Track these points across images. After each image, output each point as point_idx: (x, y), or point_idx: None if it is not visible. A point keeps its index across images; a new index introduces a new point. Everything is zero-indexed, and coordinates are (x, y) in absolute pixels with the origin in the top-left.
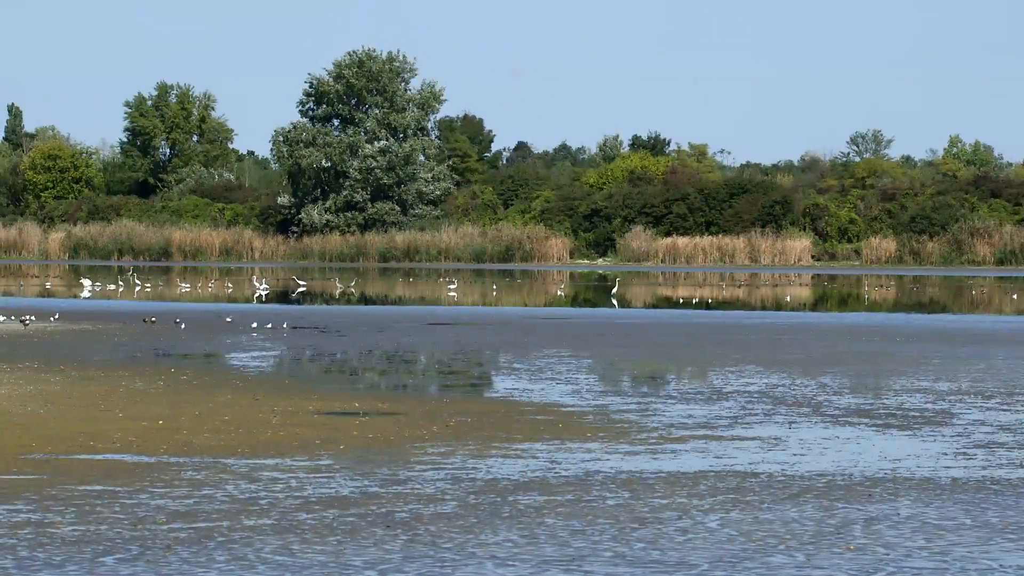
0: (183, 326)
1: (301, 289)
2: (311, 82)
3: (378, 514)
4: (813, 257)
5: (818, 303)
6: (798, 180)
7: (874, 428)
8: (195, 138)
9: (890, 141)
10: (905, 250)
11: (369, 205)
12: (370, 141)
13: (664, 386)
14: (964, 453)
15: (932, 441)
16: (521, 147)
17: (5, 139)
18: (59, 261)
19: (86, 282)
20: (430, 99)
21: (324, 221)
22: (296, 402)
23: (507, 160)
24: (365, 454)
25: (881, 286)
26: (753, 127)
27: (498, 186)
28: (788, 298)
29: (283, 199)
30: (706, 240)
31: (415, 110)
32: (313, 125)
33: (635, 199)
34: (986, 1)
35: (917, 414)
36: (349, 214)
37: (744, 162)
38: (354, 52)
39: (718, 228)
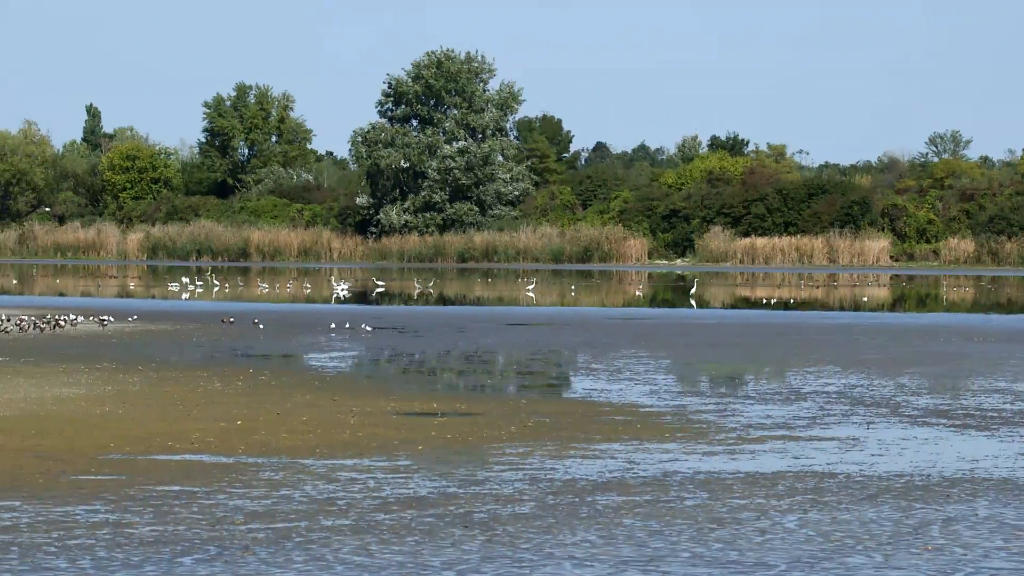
0: (261, 326)
1: (380, 290)
2: (390, 83)
3: (456, 515)
4: (891, 258)
5: (896, 304)
6: (876, 180)
7: (952, 429)
8: (274, 138)
9: (968, 142)
10: (983, 250)
11: (448, 206)
12: (449, 142)
13: (742, 386)
14: None
15: (1010, 441)
16: (600, 147)
17: (84, 140)
18: (137, 261)
19: (184, 281)
20: (509, 99)
21: (403, 222)
22: (374, 402)
23: (586, 160)
24: (443, 455)
25: (959, 287)
26: (832, 127)
27: (576, 186)
28: (866, 299)
29: (362, 199)
30: (784, 240)
31: (494, 110)
32: (392, 125)
33: (713, 199)
34: None
35: (995, 414)
36: (428, 215)
37: (822, 162)
38: (433, 52)
39: (796, 228)
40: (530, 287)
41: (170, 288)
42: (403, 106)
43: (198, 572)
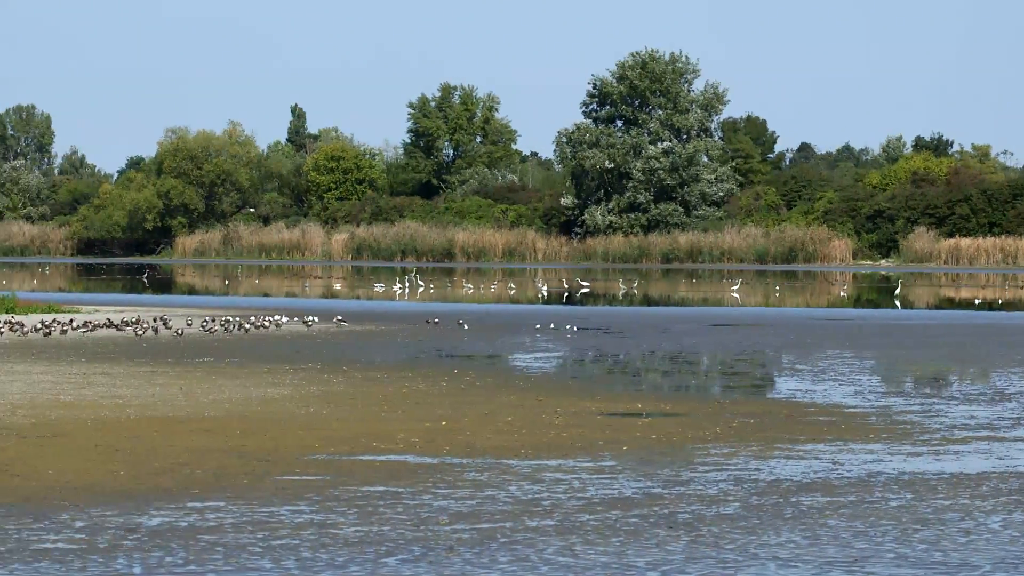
0: (466, 327)
1: (584, 290)
2: (594, 83)
3: (660, 515)
4: None
5: None
6: None
7: None
8: (478, 139)
9: None
10: None
11: (652, 206)
12: (653, 142)
13: (947, 387)
14: None
15: None
16: (804, 148)
17: (289, 140)
18: (342, 262)
19: (409, 281)
20: (713, 100)
21: (607, 222)
22: (579, 403)
23: (790, 161)
24: (648, 455)
25: None
26: None
27: (781, 187)
28: None
29: (566, 200)
30: (989, 241)
31: (698, 111)
32: (596, 126)
33: (918, 200)
34: None
35: None
36: (632, 215)
37: None
38: (637, 53)
39: (1001, 229)
40: (735, 288)
41: (393, 289)
42: (607, 107)
43: (402, 572)
